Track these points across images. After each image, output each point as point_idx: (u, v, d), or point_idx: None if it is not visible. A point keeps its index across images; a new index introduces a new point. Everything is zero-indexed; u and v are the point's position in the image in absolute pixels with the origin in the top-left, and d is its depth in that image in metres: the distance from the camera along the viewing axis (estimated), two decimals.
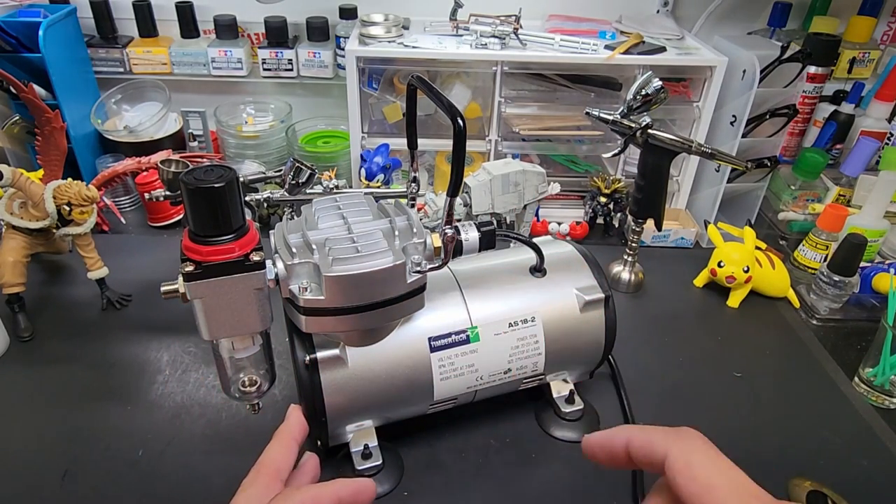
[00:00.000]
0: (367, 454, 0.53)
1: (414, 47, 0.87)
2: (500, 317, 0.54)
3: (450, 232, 0.48)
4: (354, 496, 0.37)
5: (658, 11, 1.05)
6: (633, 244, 0.82)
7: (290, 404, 0.45)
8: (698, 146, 0.72)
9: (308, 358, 0.48)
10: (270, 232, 0.49)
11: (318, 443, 0.54)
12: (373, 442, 0.54)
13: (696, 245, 0.94)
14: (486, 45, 0.88)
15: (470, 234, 0.50)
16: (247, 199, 0.80)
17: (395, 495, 0.54)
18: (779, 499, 0.28)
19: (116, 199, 0.96)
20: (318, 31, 1.04)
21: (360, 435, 0.54)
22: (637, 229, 0.80)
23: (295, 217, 0.52)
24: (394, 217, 0.49)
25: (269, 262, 0.44)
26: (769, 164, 0.92)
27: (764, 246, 0.83)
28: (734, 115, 0.87)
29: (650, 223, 0.79)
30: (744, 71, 0.85)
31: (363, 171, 0.91)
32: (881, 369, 0.66)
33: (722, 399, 0.66)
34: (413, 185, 0.60)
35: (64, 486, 0.54)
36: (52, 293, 0.79)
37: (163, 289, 0.41)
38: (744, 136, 0.87)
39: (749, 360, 0.72)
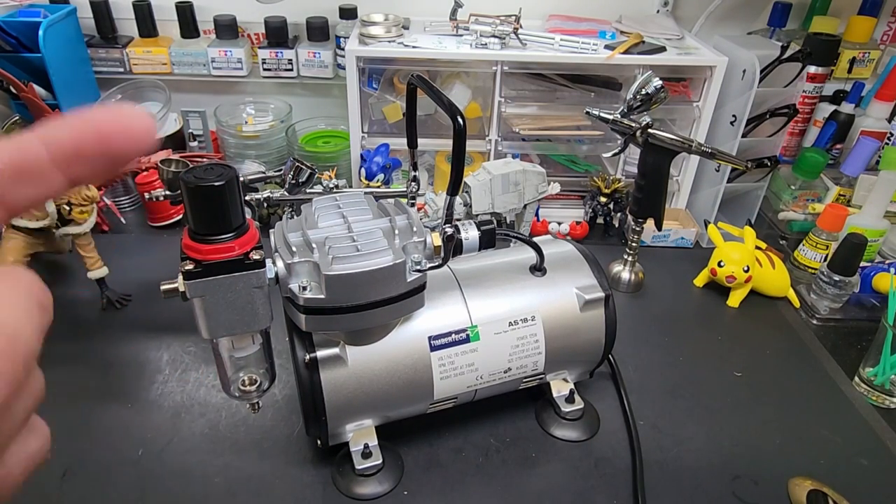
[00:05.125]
0: (366, 453, 0.53)
1: (414, 47, 0.87)
2: (500, 316, 0.54)
3: (449, 230, 0.48)
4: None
5: (658, 11, 1.05)
6: (633, 244, 0.82)
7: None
8: (698, 146, 0.72)
9: (308, 357, 0.48)
10: (270, 231, 0.49)
11: (319, 442, 0.54)
12: (373, 441, 0.54)
13: (696, 245, 0.94)
14: (486, 44, 0.88)
15: (470, 233, 0.50)
16: (247, 198, 0.80)
17: (395, 494, 0.54)
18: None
19: (116, 199, 0.96)
20: (318, 31, 1.04)
21: (360, 434, 0.54)
22: (637, 229, 0.80)
23: (295, 216, 0.52)
24: (394, 216, 0.49)
25: (268, 261, 0.44)
26: (769, 163, 0.92)
27: (764, 246, 0.83)
28: (734, 115, 0.87)
29: (650, 223, 0.79)
30: (744, 71, 0.85)
31: (363, 170, 0.91)
32: (881, 369, 0.66)
33: (722, 399, 0.66)
34: (413, 184, 0.60)
35: (64, 486, 0.54)
36: (52, 293, 0.78)
37: (163, 288, 0.41)
38: (744, 135, 0.87)
39: (749, 359, 0.72)
